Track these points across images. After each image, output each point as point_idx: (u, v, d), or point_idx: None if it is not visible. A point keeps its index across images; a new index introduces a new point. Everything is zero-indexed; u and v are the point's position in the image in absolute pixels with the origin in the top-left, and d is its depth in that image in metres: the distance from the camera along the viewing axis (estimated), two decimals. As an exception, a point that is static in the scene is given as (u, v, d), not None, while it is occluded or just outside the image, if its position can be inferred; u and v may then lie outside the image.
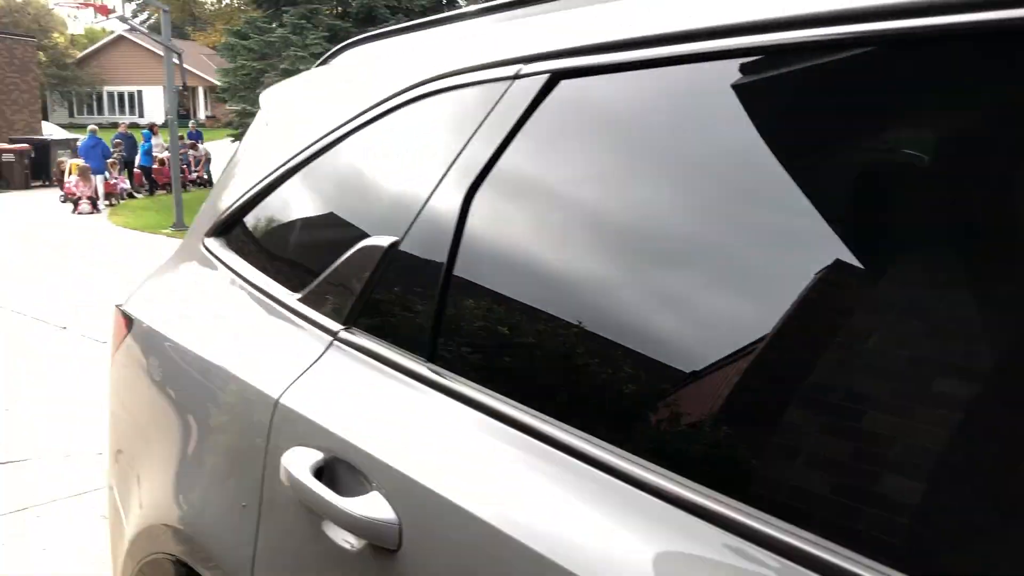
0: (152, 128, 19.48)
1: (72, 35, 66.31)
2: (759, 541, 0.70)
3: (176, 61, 13.40)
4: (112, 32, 62.69)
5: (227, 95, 18.18)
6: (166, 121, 13.76)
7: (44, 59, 40.02)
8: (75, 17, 69.46)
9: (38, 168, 20.46)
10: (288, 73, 16.48)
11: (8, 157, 19.67)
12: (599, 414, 0.92)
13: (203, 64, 45.84)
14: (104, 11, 12.44)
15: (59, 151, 20.24)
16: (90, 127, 17.79)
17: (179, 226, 13.09)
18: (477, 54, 1.25)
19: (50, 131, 27.24)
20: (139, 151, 19.06)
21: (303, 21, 16.23)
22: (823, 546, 0.66)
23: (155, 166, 19.11)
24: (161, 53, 49.53)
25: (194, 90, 55.68)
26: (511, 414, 0.95)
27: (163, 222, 13.78)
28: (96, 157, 16.15)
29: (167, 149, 20.05)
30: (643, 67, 0.98)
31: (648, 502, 0.79)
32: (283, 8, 16.75)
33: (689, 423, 0.86)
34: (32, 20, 53.35)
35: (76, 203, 15.16)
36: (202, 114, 48.87)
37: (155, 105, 57.29)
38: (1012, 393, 0.63)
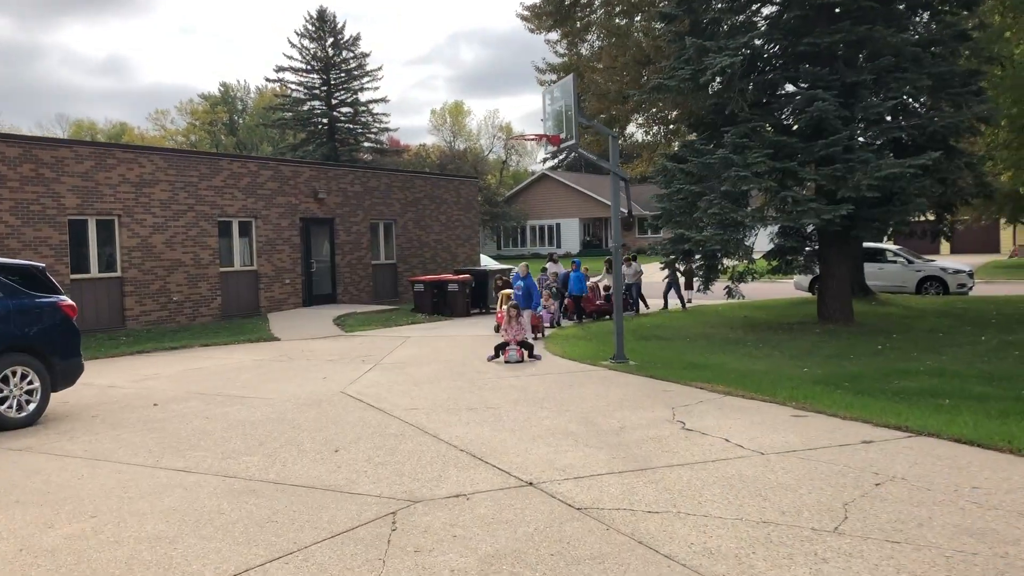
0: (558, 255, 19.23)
1: (501, 176, 73.83)
2: None
3: (622, 188, 12.91)
4: (535, 173, 68.41)
5: (661, 221, 17.57)
6: (611, 251, 13.03)
7: (479, 198, 44.36)
8: (506, 161, 77.55)
9: (476, 297, 21.66)
10: (728, 195, 15.45)
11: (453, 287, 21.01)
12: None
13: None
14: (556, 140, 12.34)
15: (494, 281, 21.31)
16: (518, 267, 17.09)
17: (619, 358, 12.22)
18: None
19: (485, 262, 29.30)
20: (569, 280, 19.18)
21: (744, 140, 15.13)
22: None
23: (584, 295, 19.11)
24: (578, 188, 52.26)
25: (607, 220, 58.30)
26: None
27: (601, 353, 13.07)
28: (529, 300, 15.48)
29: (591, 278, 20.09)
30: None
31: None
32: (722, 128, 15.85)
33: None
34: (471, 165, 60.35)
35: (504, 348, 12.87)
36: (610, 242, 50.89)
37: (571, 236, 61.23)
38: None
